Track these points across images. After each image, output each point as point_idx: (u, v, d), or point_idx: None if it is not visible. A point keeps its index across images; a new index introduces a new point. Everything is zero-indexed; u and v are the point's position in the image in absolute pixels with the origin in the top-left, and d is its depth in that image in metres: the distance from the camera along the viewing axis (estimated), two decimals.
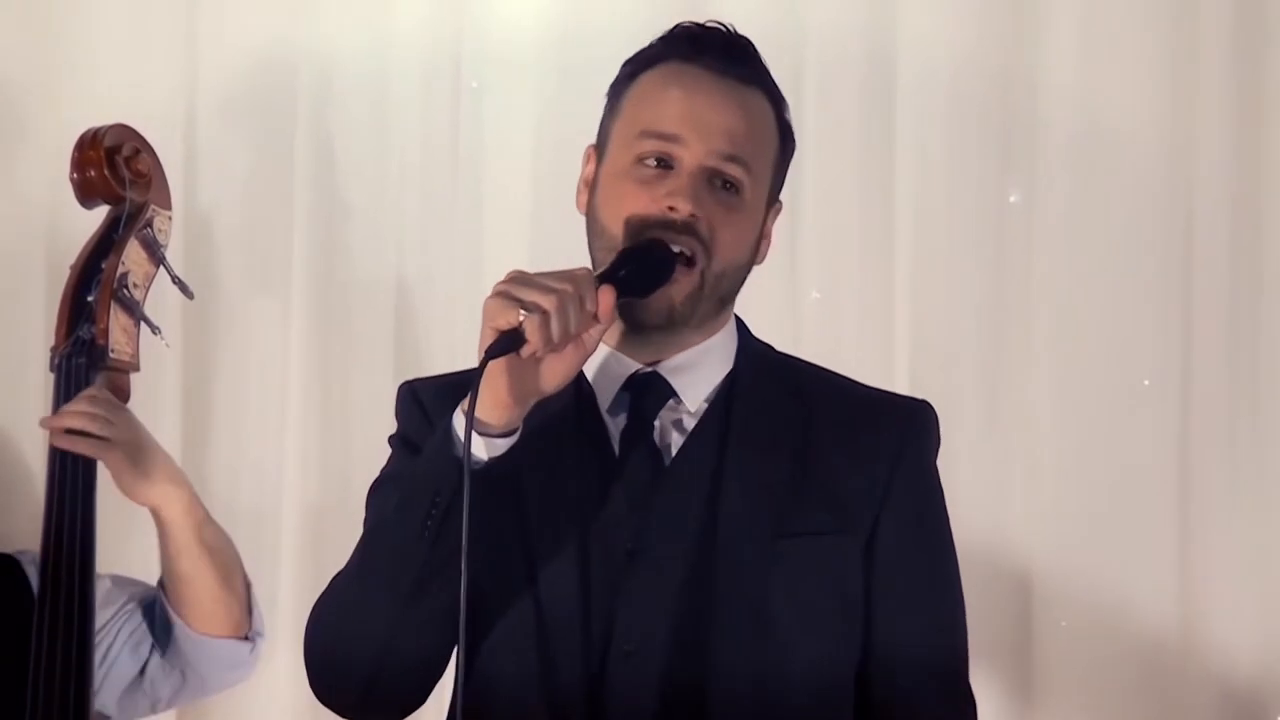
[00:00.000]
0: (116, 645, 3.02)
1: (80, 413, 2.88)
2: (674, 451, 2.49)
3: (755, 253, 2.52)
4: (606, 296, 2.29)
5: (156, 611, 3.05)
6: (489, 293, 2.22)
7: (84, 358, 2.97)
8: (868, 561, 2.55)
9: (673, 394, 2.47)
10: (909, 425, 2.60)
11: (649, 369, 2.44)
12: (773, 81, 2.51)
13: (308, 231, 3.53)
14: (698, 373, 2.50)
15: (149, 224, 3.07)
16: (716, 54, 2.45)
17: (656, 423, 2.47)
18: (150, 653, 3.06)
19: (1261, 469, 3.59)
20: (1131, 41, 3.53)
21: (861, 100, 3.51)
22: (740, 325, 2.56)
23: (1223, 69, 3.51)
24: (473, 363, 2.25)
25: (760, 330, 2.68)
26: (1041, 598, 3.74)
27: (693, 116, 2.41)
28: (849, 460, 2.56)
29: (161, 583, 3.04)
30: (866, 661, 2.57)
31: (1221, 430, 3.58)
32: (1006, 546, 3.73)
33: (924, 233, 3.56)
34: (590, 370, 2.46)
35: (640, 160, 2.37)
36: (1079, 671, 3.71)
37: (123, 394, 3.02)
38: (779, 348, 2.71)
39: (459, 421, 2.28)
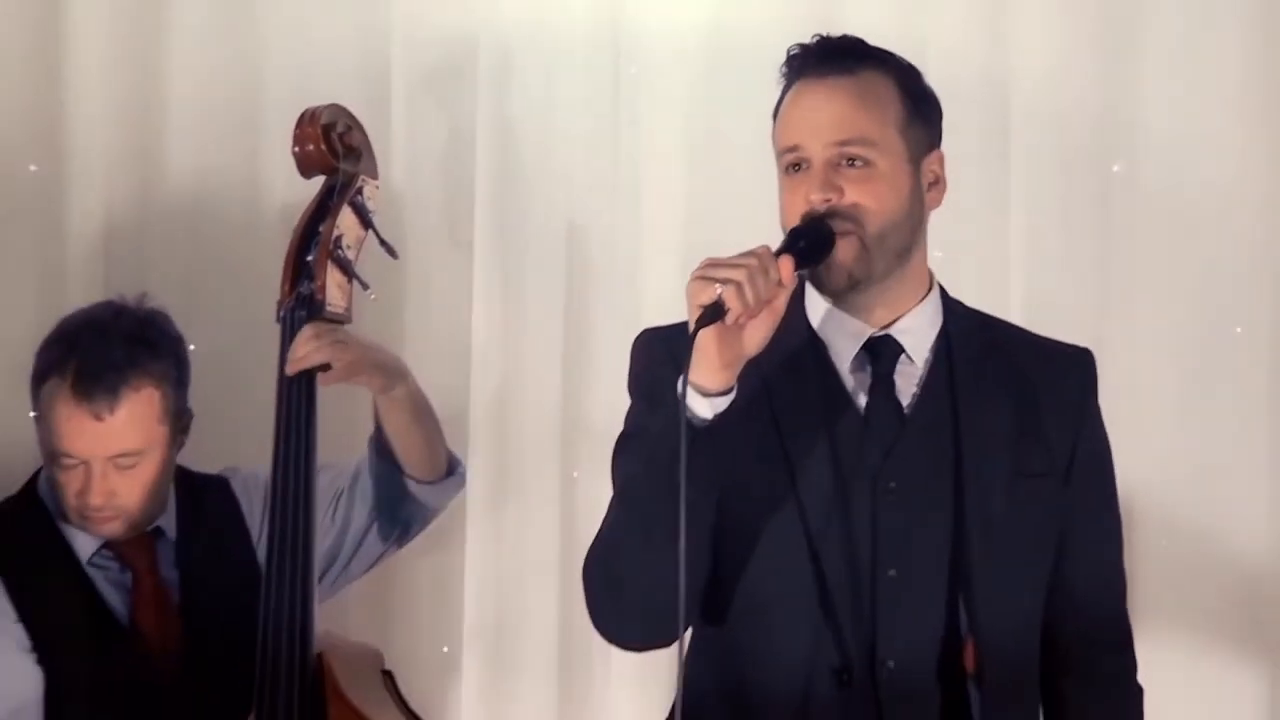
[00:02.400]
0: (352, 514, 3.36)
1: (307, 340, 3.17)
2: (908, 401, 2.78)
3: (914, 204, 2.78)
4: (786, 265, 2.57)
5: (374, 475, 3.37)
6: (691, 273, 2.51)
7: (304, 310, 3.22)
8: (1067, 496, 2.85)
9: (902, 351, 2.76)
10: (1086, 373, 2.90)
11: (882, 332, 2.73)
12: (887, 55, 2.77)
13: (489, 192, 3.78)
14: (920, 333, 2.78)
15: (359, 192, 3.32)
16: (817, 60, 2.74)
17: (895, 377, 2.77)
18: (374, 511, 3.37)
19: None
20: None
21: (980, 100, 3.82)
22: (939, 286, 2.84)
23: None
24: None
25: None
26: (1142, 527, 3.91)
27: (805, 123, 2.71)
28: (1049, 407, 2.85)
29: (376, 454, 3.34)
30: (1057, 595, 2.86)
31: None
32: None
33: (1036, 198, 3.86)
34: (827, 336, 2.77)
35: (787, 171, 2.69)
36: (1177, 595, 3.95)
37: None
38: None
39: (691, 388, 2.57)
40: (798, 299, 2.79)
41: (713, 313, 2.48)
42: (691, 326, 2.50)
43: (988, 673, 2.80)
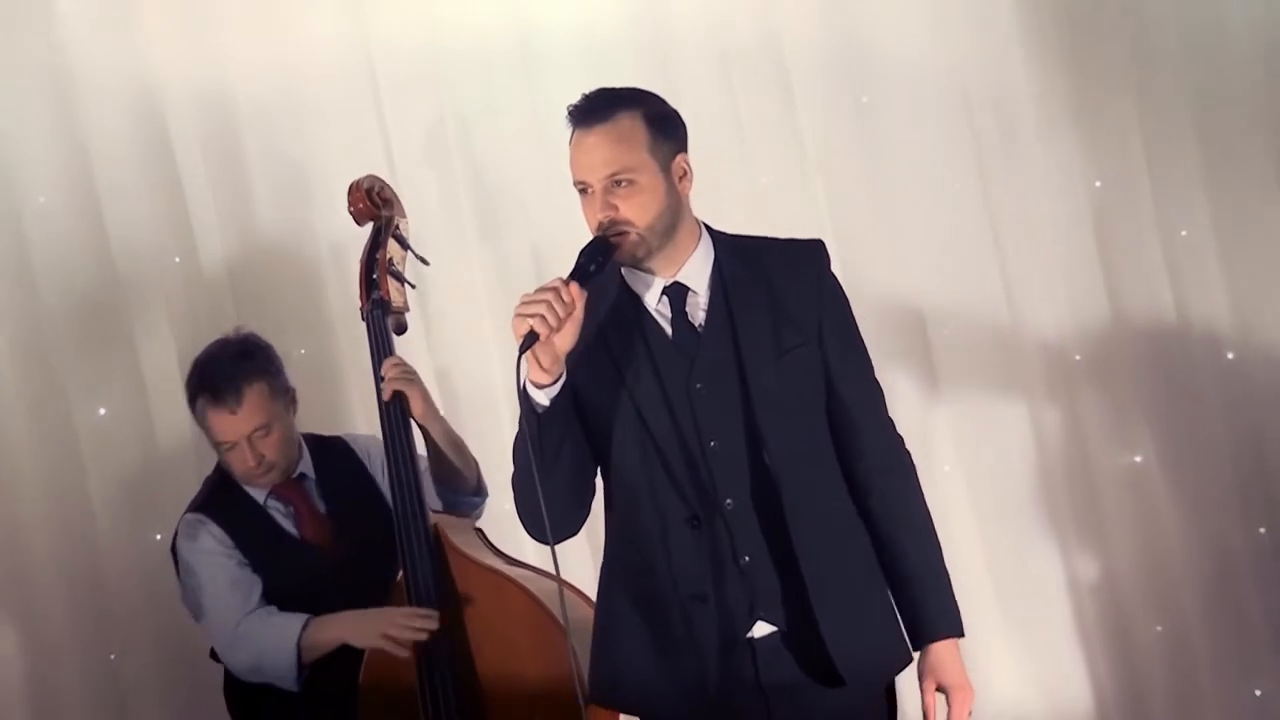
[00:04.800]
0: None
1: (400, 375, 4.09)
2: (700, 321, 3.40)
3: (670, 197, 3.36)
4: (574, 288, 3.22)
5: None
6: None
7: (379, 310, 4.18)
8: (822, 354, 3.42)
9: (688, 289, 3.41)
10: (817, 258, 3.51)
11: (673, 281, 3.39)
12: (633, 96, 3.39)
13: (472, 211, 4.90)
14: (698, 272, 3.43)
15: (396, 227, 4.26)
16: (584, 114, 3.36)
17: (686, 309, 3.40)
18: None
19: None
20: None
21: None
22: (706, 226, 3.45)
23: None
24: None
25: None
26: (933, 319, 5.13)
27: (583, 163, 3.34)
28: (793, 292, 3.45)
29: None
30: (832, 404, 3.45)
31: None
32: (905, 288, 5.12)
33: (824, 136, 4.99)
34: (636, 287, 3.40)
35: (581, 194, 3.35)
36: (973, 366, 5.14)
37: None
38: None
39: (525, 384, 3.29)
40: (614, 269, 3.41)
41: (528, 340, 3.19)
42: (517, 352, 3.22)
43: (786, 494, 3.38)
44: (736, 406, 3.39)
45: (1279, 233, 5.10)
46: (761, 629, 3.39)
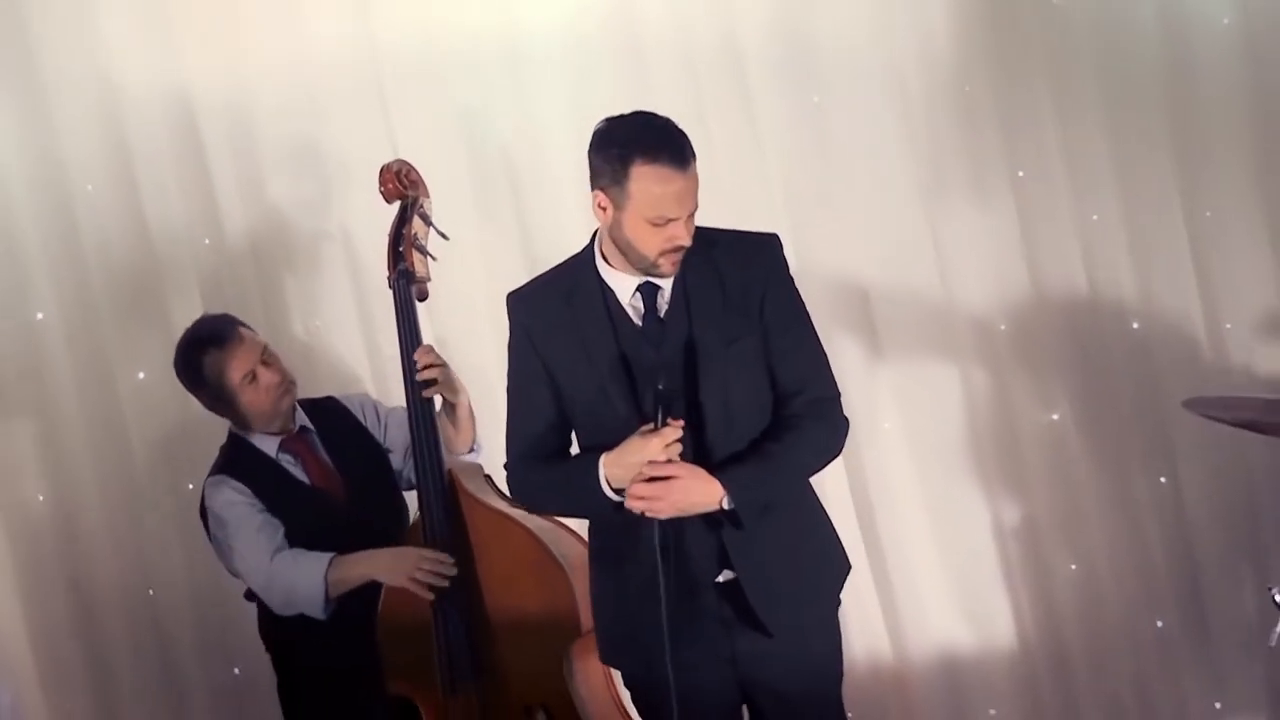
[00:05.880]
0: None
1: (429, 364, 4.29)
2: (664, 312, 3.56)
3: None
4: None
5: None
6: None
7: (404, 280, 4.38)
8: (764, 331, 3.52)
9: (658, 287, 3.55)
10: (769, 251, 3.61)
11: (645, 279, 3.54)
12: (685, 134, 3.47)
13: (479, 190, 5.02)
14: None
15: (421, 205, 4.42)
16: (670, 156, 3.42)
17: (656, 303, 3.55)
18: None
19: None
20: None
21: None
22: None
23: None
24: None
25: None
26: (876, 295, 5.24)
27: (675, 205, 3.43)
28: (741, 281, 3.56)
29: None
30: (777, 385, 3.56)
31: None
32: (851, 269, 5.25)
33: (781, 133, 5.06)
34: (613, 284, 3.52)
35: (653, 224, 3.45)
36: (911, 336, 5.22)
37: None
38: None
39: (603, 477, 3.49)
40: (594, 270, 3.56)
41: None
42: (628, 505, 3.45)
43: (726, 457, 3.54)
44: (695, 388, 3.55)
45: (1179, 217, 5.19)
46: (726, 575, 3.64)
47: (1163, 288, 5.21)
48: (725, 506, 3.50)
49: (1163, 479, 5.28)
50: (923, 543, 5.28)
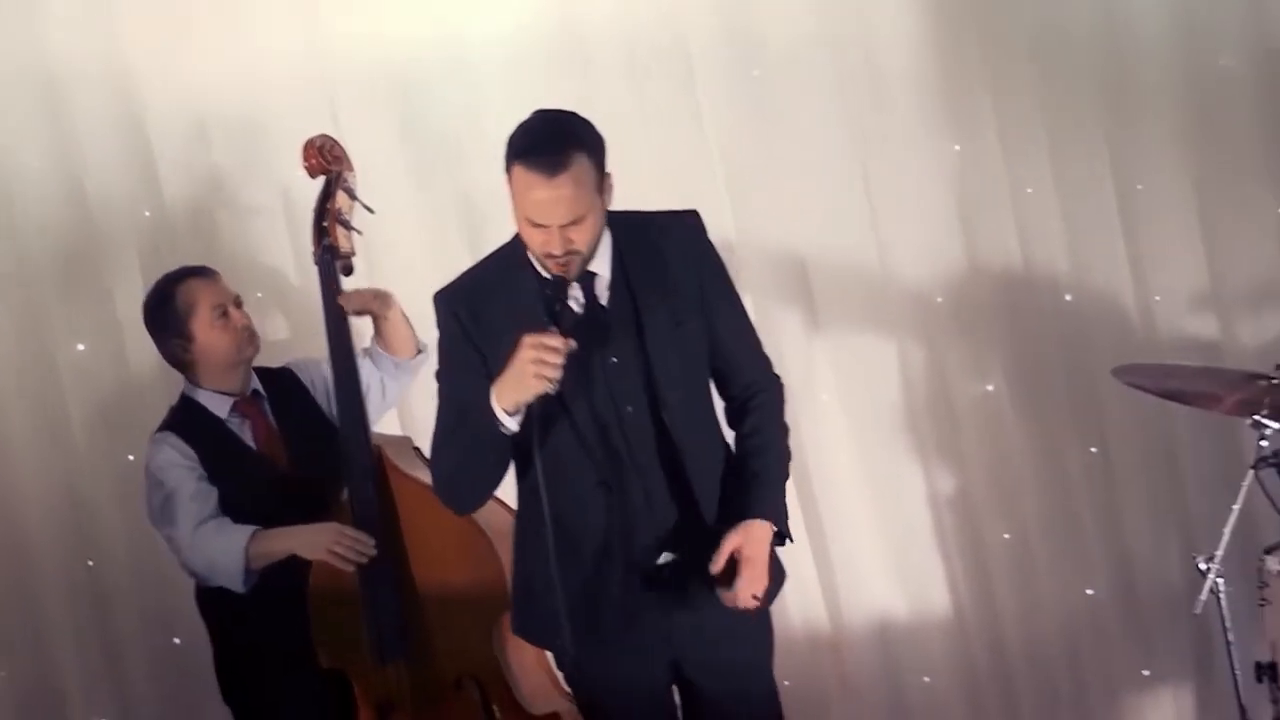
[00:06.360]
0: (372, 384, 4.71)
1: (360, 293, 4.46)
2: (605, 300, 3.55)
3: (603, 213, 3.45)
4: (565, 340, 3.34)
5: (375, 357, 4.66)
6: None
7: (329, 255, 4.48)
8: (706, 316, 3.58)
9: (596, 274, 3.55)
10: (692, 228, 3.64)
11: (585, 272, 3.52)
12: (575, 135, 3.40)
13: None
14: (601, 258, 3.56)
15: (345, 180, 4.49)
16: (537, 161, 3.36)
17: (595, 291, 3.55)
18: (380, 384, 4.70)
19: None
20: None
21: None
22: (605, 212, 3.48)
23: None
24: None
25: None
26: (815, 267, 5.29)
27: (543, 213, 3.41)
28: (676, 261, 3.59)
29: (374, 344, 4.63)
30: (718, 364, 3.63)
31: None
32: (790, 241, 5.28)
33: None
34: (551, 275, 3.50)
35: (530, 225, 3.44)
36: (849, 309, 5.29)
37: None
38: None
39: (495, 403, 3.42)
40: (530, 265, 3.54)
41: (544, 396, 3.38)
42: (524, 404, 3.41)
43: (686, 451, 3.59)
44: (642, 375, 3.57)
45: (1112, 192, 5.26)
46: (666, 557, 3.68)
47: (1095, 261, 5.27)
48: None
49: (1093, 449, 5.32)
50: (859, 512, 5.31)
